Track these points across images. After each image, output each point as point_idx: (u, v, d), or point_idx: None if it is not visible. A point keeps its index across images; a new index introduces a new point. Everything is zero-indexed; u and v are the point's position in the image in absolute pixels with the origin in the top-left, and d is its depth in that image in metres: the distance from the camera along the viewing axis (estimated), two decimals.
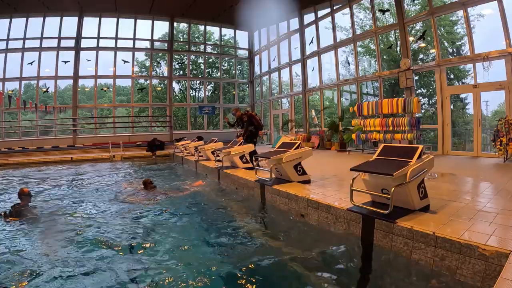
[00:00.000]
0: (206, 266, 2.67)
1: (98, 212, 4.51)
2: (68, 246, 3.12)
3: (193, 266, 2.68)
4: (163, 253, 2.96)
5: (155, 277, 2.48)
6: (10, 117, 15.72)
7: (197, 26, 19.41)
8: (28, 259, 2.80)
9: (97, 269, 2.60)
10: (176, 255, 2.92)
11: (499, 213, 2.83)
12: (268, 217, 4.22)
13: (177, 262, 2.75)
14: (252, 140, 7.33)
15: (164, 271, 2.58)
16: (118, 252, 3.00)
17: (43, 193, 5.95)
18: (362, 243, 2.92)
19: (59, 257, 2.84)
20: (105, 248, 3.07)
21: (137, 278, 2.46)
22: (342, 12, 13.02)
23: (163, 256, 2.91)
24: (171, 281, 2.42)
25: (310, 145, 12.14)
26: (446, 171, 5.64)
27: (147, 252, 3.01)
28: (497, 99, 11.56)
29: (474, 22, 9.69)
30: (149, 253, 2.98)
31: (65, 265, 2.65)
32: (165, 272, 2.56)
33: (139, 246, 3.16)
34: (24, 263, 2.71)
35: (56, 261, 2.73)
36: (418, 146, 3.00)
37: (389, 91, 13.23)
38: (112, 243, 3.22)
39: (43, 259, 2.80)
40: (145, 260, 2.79)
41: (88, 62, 15.73)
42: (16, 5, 13.53)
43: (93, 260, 2.79)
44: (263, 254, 2.90)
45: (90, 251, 3.00)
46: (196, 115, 20.75)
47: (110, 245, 3.14)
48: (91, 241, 3.25)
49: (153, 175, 8.11)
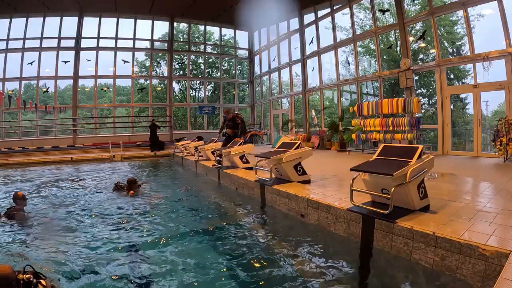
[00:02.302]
0: (205, 266, 2.67)
1: (89, 215, 4.42)
2: (61, 250, 3.06)
3: (191, 266, 2.68)
4: (162, 253, 2.96)
5: (153, 277, 2.48)
6: (10, 117, 15.72)
7: (197, 26, 19.41)
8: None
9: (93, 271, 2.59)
10: (174, 255, 2.91)
11: (499, 213, 2.83)
12: (268, 217, 4.22)
13: (175, 262, 2.75)
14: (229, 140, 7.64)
15: (162, 271, 2.58)
16: (114, 253, 2.98)
17: (38, 195, 5.89)
18: (362, 243, 2.92)
19: (53, 259, 2.80)
20: (98, 249, 3.05)
21: (132, 280, 2.46)
22: (342, 12, 13.02)
23: (161, 255, 2.90)
24: (170, 281, 2.42)
25: (310, 145, 12.14)
26: (446, 171, 5.64)
27: (144, 253, 2.99)
28: (497, 99, 11.58)
29: (474, 22, 9.70)
30: (147, 253, 2.97)
31: (59, 267, 2.63)
32: (163, 272, 2.56)
33: (134, 248, 3.12)
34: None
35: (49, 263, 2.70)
36: (418, 146, 2.99)
37: (389, 91, 13.23)
38: (105, 243, 3.20)
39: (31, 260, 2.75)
40: (140, 262, 2.77)
41: (88, 62, 15.74)
42: (16, 5, 13.53)
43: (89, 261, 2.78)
44: (263, 254, 2.90)
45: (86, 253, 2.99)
46: (196, 115, 20.75)
47: (103, 246, 3.12)
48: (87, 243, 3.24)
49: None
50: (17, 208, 4.01)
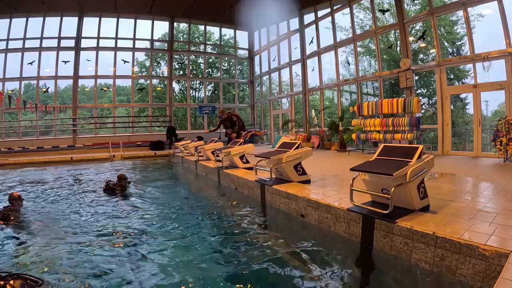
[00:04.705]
0: (204, 266, 2.66)
1: (86, 215, 4.39)
2: (57, 251, 3.02)
3: (190, 266, 2.68)
4: (161, 253, 2.96)
5: (152, 277, 2.47)
6: (10, 117, 15.73)
7: (197, 26, 19.41)
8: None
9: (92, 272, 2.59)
10: (173, 255, 2.91)
11: (499, 213, 2.83)
12: (268, 217, 4.22)
13: (175, 262, 2.75)
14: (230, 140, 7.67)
15: (161, 270, 2.58)
16: (111, 253, 2.98)
17: (34, 195, 5.87)
18: (362, 243, 2.92)
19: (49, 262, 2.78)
20: (96, 251, 3.04)
21: (131, 279, 2.46)
22: (342, 12, 13.02)
23: (160, 255, 2.90)
24: (170, 280, 2.42)
25: (310, 145, 12.14)
26: (446, 171, 5.64)
27: (142, 253, 2.98)
28: (497, 99, 11.58)
29: (474, 22, 9.69)
30: (145, 253, 2.97)
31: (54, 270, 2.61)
32: (162, 272, 2.56)
33: (132, 247, 3.11)
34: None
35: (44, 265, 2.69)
36: (418, 146, 2.99)
37: (389, 91, 13.23)
38: (102, 244, 3.19)
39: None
40: (139, 261, 2.77)
41: (88, 62, 15.76)
42: (16, 5, 13.53)
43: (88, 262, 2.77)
44: (262, 254, 2.90)
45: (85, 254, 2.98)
46: (196, 115, 20.75)
47: (100, 247, 3.11)
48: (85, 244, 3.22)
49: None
50: (12, 209, 3.94)
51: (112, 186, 5.61)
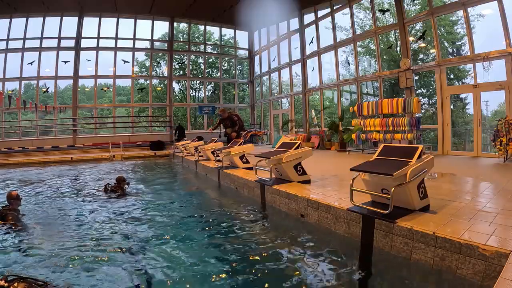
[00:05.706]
0: (204, 266, 2.67)
1: (84, 216, 4.38)
2: (55, 253, 3.00)
3: (190, 265, 2.68)
4: (161, 253, 2.96)
5: (152, 277, 2.47)
6: (10, 117, 15.73)
7: (197, 26, 19.42)
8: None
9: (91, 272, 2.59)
10: (173, 255, 2.91)
11: (499, 213, 2.83)
12: (268, 217, 4.22)
13: (174, 262, 2.75)
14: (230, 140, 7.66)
15: (160, 270, 2.58)
16: (110, 254, 2.98)
17: (35, 195, 5.86)
18: (362, 243, 2.92)
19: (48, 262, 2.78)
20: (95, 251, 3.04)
21: (131, 279, 2.46)
22: (342, 12, 13.02)
23: (160, 255, 2.90)
24: (169, 280, 2.42)
25: (310, 145, 12.14)
26: (446, 171, 5.64)
27: (142, 253, 2.98)
28: (497, 99, 11.58)
29: (474, 22, 9.69)
30: (145, 253, 2.97)
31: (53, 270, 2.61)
32: (162, 272, 2.56)
33: (131, 248, 3.10)
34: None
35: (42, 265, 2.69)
36: (418, 146, 2.99)
37: (389, 91, 13.23)
38: (101, 244, 3.19)
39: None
40: (139, 262, 2.77)
41: (88, 62, 15.76)
42: (16, 5, 13.53)
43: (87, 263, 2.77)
44: (262, 254, 2.90)
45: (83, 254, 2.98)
46: (196, 115, 20.75)
47: (100, 248, 3.11)
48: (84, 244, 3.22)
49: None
50: (11, 208, 3.89)
51: (111, 188, 5.62)
